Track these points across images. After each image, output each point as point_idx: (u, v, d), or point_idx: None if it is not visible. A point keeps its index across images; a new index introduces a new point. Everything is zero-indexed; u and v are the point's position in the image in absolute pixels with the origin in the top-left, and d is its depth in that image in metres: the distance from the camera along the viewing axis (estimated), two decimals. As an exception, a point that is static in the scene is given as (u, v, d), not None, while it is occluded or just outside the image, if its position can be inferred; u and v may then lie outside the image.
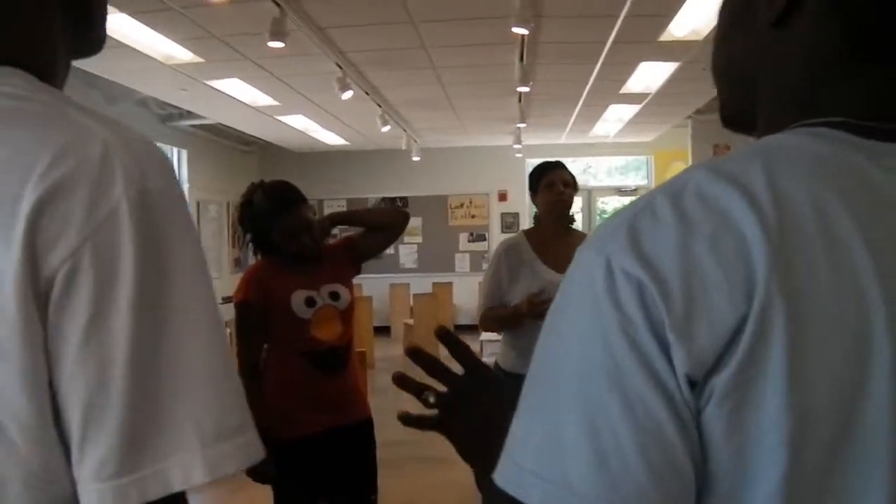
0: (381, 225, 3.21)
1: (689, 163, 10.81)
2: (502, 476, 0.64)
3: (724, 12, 0.78)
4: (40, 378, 0.72)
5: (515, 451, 0.64)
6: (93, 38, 0.95)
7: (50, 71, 0.86)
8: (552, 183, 3.41)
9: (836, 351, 0.59)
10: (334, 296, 2.99)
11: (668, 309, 0.59)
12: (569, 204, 3.47)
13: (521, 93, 8.04)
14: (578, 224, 13.08)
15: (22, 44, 0.84)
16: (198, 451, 0.73)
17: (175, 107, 9.35)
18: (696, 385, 0.59)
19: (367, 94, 8.00)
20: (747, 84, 0.77)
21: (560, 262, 3.35)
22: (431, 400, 0.99)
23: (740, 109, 0.80)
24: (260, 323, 2.91)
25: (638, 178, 13.98)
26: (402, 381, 1.02)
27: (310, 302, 2.92)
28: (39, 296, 0.72)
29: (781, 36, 0.72)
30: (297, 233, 2.92)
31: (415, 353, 0.98)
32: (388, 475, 3.54)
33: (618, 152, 13.47)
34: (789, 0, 0.70)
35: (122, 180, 0.74)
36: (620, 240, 0.63)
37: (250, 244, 3.03)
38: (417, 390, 0.99)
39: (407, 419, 1.03)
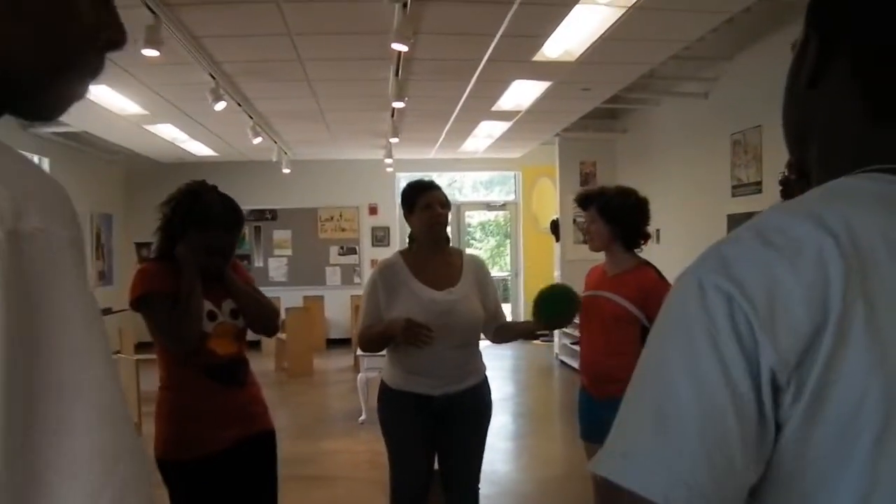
0: (247, 316, 2.96)
1: (557, 179, 11.15)
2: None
3: (787, 80, 0.92)
4: None
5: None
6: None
7: None
8: (429, 204, 3.42)
9: None
10: (234, 314, 2.90)
11: (756, 314, 0.72)
12: (446, 224, 3.51)
13: (394, 108, 8.10)
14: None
15: None
16: None
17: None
18: (781, 387, 0.72)
19: (239, 105, 7.89)
20: (801, 141, 0.91)
21: (437, 279, 3.39)
22: None
23: (799, 164, 0.93)
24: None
25: (503, 193, 14.29)
26: None
27: (211, 316, 2.81)
28: None
29: (816, 96, 0.86)
30: (221, 254, 2.83)
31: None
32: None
33: (487, 168, 13.75)
34: (817, 64, 0.84)
35: None
36: (711, 263, 0.77)
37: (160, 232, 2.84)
38: None
39: None
